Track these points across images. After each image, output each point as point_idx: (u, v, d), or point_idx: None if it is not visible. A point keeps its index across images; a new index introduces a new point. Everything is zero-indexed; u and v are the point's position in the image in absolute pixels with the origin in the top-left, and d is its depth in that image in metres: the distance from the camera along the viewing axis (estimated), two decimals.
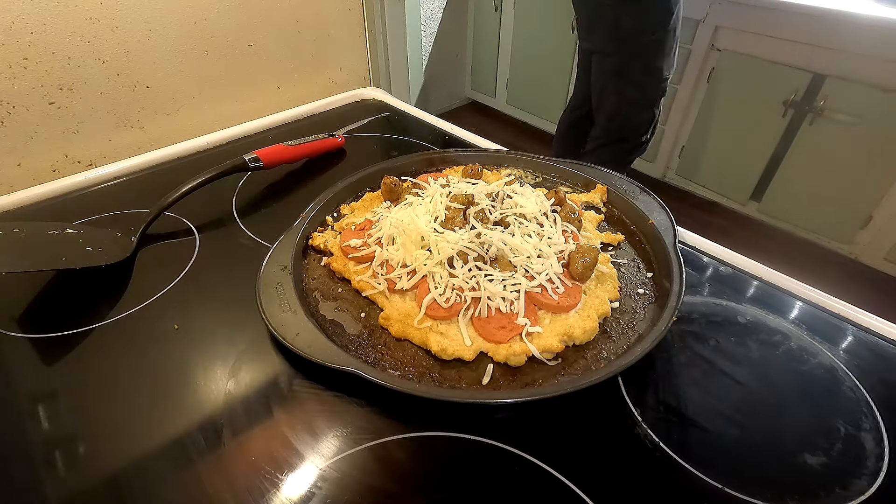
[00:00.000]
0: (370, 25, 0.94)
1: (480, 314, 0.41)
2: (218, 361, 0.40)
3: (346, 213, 0.55)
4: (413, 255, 0.45)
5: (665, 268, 0.46)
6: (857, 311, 0.45)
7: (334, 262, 0.48)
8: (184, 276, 0.48)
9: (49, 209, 0.59)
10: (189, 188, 0.54)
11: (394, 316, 0.42)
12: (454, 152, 0.64)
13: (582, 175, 0.60)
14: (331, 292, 0.46)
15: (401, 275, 0.44)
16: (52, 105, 0.63)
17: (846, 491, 0.32)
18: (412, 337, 0.41)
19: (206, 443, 0.34)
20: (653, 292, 0.46)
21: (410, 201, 0.51)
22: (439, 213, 0.48)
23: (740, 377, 0.39)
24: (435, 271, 0.44)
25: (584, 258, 0.44)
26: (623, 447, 0.34)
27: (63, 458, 0.34)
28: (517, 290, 0.42)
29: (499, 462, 0.33)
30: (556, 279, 0.43)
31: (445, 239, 0.45)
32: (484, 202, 0.49)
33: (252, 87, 0.81)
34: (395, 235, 0.47)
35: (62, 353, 0.41)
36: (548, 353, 0.40)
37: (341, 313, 0.44)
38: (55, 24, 0.60)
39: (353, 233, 0.50)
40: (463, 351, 0.39)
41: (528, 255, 0.45)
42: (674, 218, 0.52)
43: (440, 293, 0.42)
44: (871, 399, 0.38)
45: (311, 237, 0.51)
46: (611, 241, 0.52)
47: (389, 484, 0.32)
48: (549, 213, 0.50)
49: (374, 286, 0.44)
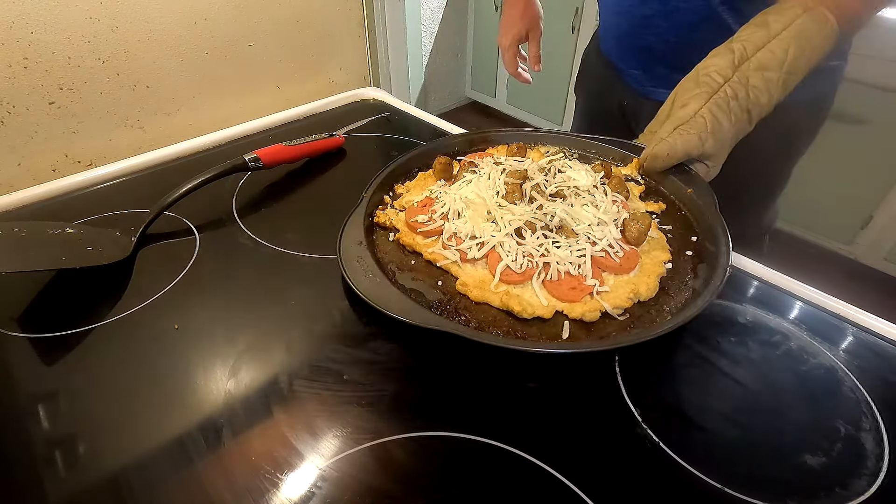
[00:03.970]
0: (370, 25, 0.94)
1: (551, 277, 0.44)
2: (218, 361, 0.40)
3: (401, 192, 0.57)
4: (481, 227, 0.49)
5: (708, 231, 0.49)
6: (857, 311, 0.45)
7: (403, 237, 0.50)
8: (184, 276, 0.48)
9: (49, 209, 0.59)
10: (189, 188, 0.54)
11: (470, 282, 0.45)
12: (494, 132, 0.66)
13: (617, 150, 0.62)
14: (405, 264, 0.49)
15: (470, 245, 0.47)
16: (52, 105, 0.63)
17: (846, 491, 0.32)
18: (491, 300, 0.43)
19: (206, 443, 0.34)
20: (700, 254, 0.48)
21: (469, 178, 0.54)
22: (499, 188, 0.52)
23: (740, 377, 0.39)
24: (504, 241, 0.47)
25: (638, 224, 0.47)
26: (623, 447, 0.34)
27: (63, 458, 0.34)
28: (583, 255, 0.46)
29: (499, 462, 0.33)
30: (616, 244, 0.47)
31: (510, 211, 0.49)
32: (538, 177, 0.53)
33: (252, 87, 0.81)
34: (461, 210, 0.51)
35: (62, 353, 0.41)
36: (617, 309, 0.42)
37: (419, 282, 0.46)
38: (55, 24, 0.60)
39: (416, 209, 0.53)
40: (542, 310, 0.42)
41: (588, 223, 0.48)
42: None
43: (512, 259, 0.45)
44: (871, 399, 0.38)
45: (376, 215, 0.53)
46: (654, 210, 0.55)
47: (389, 484, 0.32)
48: (599, 184, 0.54)
49: (447, 257, 0.47)
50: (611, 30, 0.74)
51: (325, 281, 0.48)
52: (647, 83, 0.71)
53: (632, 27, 0.68)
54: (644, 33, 0.67)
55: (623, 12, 0.69)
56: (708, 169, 0.55)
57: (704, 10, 0.60)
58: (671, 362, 0.41)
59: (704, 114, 0.51)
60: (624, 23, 0.69)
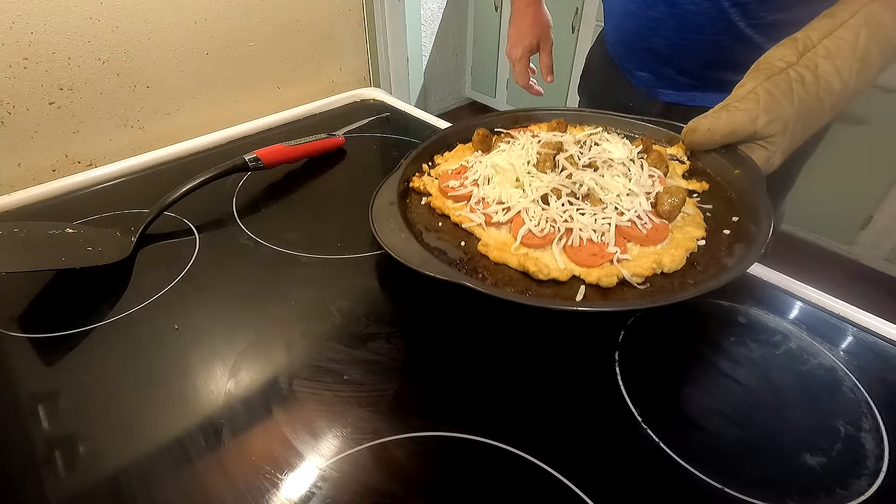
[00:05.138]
0: (370, 25, 0.93)
1: (573, 243, 0.44)
2: (218, 361, 0.40)
3: (439, 162, 0.59)
4: (508, 192, 0.49)
5: (751, 213, 0.47)
6: (857, 311, 0.45)
7: (434, 200, 0.53)
8: (184, 276, 0.48)
9: (49, 209, 0.59)
10: (189, 188, 0.54)
11: (492, 244, 0.46)
12: (538, 110, 0.67)
13: (664, 131, 0.61)
14: (432, 226, 0.51)
15: (497, 210, 0.48)
16: (52, 105, 0.63)
17: (846, 491, 0.32)
18: (509, 261, 0.44)
19: (206, 443, 0.34)
20: (738, 234, 0.46)
21: (503, 148, 0.56)
22: (531, 158, 0.52)
23: (740, 377, 0.39)
24: (529, 207, 0.47)
25: (671, 198, 0.46)
26: (623, 447, 0.34)
27: (63, 458, 0.34)
28: (608, 223, 0.45)
29: (499, 462, 0.33)
30: (645, 216, 0.46)
31: (539, 178, 0.50)
32: (573, 149, 0.53)
33: (252, 87, 0.81)
34: (491, 176, 0.52)
35: (62, 353, 0.41)
36: (637, 277, 0.42)
37: (443, 242, 0.48)
38: (55, 24, 0.60)
39: (449, 176, 0.55)
40: (557, 272, 0.42)
41: (617, 193, 0.48)
42: None
43: (535, 224, 0.46)
44: (871, 399, 0.38)
45: (411, 180, 0.56)
46: (696, 189, 0.53)
47: (389, 484, 0.32)
48: (637, 159, 0.53)
49: (473, 219, 0.49)
50: (617, 32, 0.74)
51: (325, 281, 0.48)
52: (654, 85, 0.71)
53: (639, 29, 0.67)
54: (652, 36, 0.66)
55: (629, 14, 0.68)
56: (768, 153, 0.50)
57: (714, 11, 0.59)
58: (671, 362, 0.41)
59: (759, 91, 0.48)
60: (631, 25, 0.69)
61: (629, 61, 0.73)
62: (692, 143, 0.54)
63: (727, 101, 0.50)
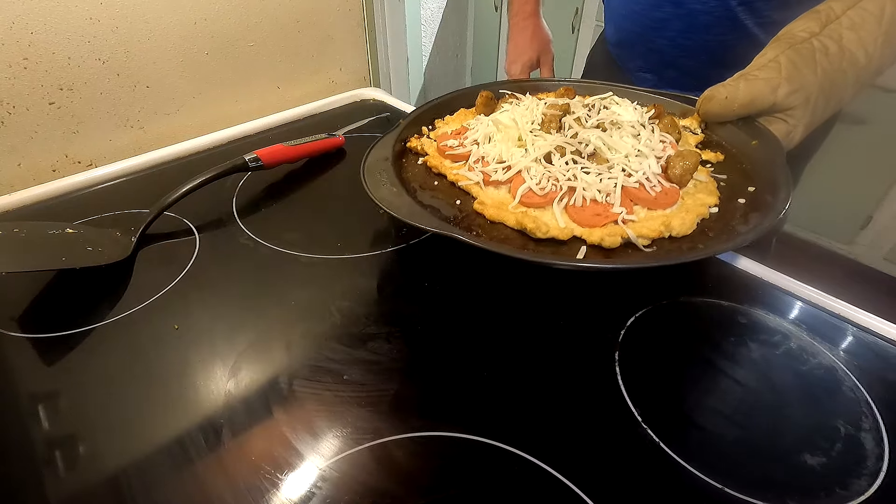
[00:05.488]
0: (370, 25, 0.93)
1: (575, 203, 0.42)
2: (218, 361, 0.40)
3: (440, 125, 0.58)
4: (510, 151, 0.47)
5: (769, 183, 0.44)
6: (857, 311, 0.45)
7: (430, 159, 0.50)
8: (184, 276, 0.48)
9: (49, 209, 0.59)
10: (189, 188, 0.54)
11: (488, 202, 0.44)
12: (548, 81, 0.65)
13: (678, 103, 0.59)
14: (427, 184, 0.48)
15: (496, 169, 0.46)
16: (52, 105, 0.63)
17: (846, 491, 0.32)
18: (507, 220, 0.42)
19: (206, 443, 0.34)
20: (754, 203, 0.43)
21: (507, 109, 0.53)
22: (536, 117, 0.50)
23: (740, 377, 0.39)
24: (531, 166, 0.45)
25: (684, 161, 0.43)
26: (623, 447, 0.34)
27: (63, 458, 0.34)
28: (614, 183, 0.42)
29: (499, 462, 0.33)
30: (655, 178, 0.43)
31: (543, 137, 0.47)
32: (580, 111, 0.50)
33: (252, 87, 0.81)
34: (493, 134, 0.50)
35: (62, 353, 0.41)
36: (643, 239, 0.39)
37: (438, 200, 0.46)
38: (55, 24, 0.60)
39: (449, 136, 0.52)
40: (557, 230, 0.40)
41: (626, 153, 0.45)
42: None
43: (535, 182, 0.43)
44: (871, 399, 0.38)
45: (409, 140, 0.53)
46: (710, 159, 0.50)
47: (389, 484, 0.32)
48: (648, 123, 0.50)
49: (470, 178, 0.46)
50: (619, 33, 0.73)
51: (325, 281, 0.48)
52: (657, 86, 0.71)
53: (643, 30, 0.66)
54: (656, 36, 0.65)
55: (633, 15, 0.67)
56: (788, 127, 0.47)
57: (720, 10, 0.58)
58: (671, 362, 0.41)
59: (781, 59, 0.45)
60: (634, 26, 0.68)
61: (632, 62, 0.73)
62: (707, 112, 0.51)
63: (747, 70, 0.47)
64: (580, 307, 0.45)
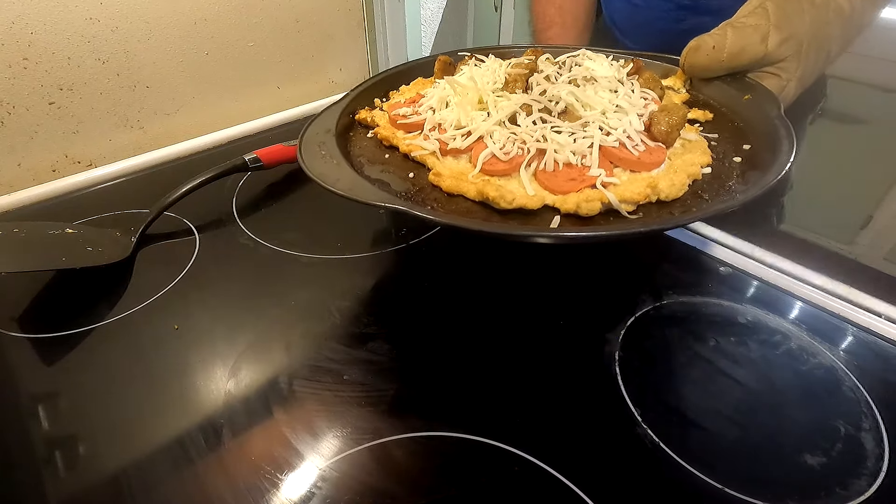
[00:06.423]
0: (370, 25, 0.93)
1: (546, 167, 0.36)
2: (218, 361, 0.40)
3: (394, 96, 0.53)
4: (469, 115, 0.41)
5: (767, 138, 0.39)
6: (857, 311, 0.45)
7: (381, 130, 0.45)
8: (184, 276, 0.48)
9: (49, 209, 0.59)
10: (189, 188, 0.54)
11: (445, 173, 0.38)
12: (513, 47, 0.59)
13: (658, 63, 0.53)
14: (377, 158, 0.43)
15: (454, 136, 0.40)
16: (52, 105, 0.63)
17: (846, 491, 0.32)
18: (467, 191, 0.36)
19: (206, 443, 0.34)
20: (752, 161, 0.39)
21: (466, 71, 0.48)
22: (499, 78, 0.44)
23: (740, 377, 0.39)
24: (493, 130, 0.39)
25: (669, 117, 0.38)
26: (623, 447, 0.34)
27: (63, 458, 0.34)
28: (590, 142, 0.37)
29: (499, 462, 0.33)
30: (637, 136, 0.37)
31: (506, 98, 0.41)
32: (549, 69, 0.44)
33: (252, 87, 0.81)
34: (449, 98, 0.44)
35: (62, 353, 0.41)
36: (626, 203, 0.34)
37: (388, 175, 0.41)
38: (55, 24, 0.60)
39: (402, 105, 0.47)
40: (525, 199, 0.34)
41: (602, 109, 0.39)
42: None
43: (500, 147, 0.38)
44: (871, 399, 0.38)
45: (357, 112, 0.49)
46: (699, 118, 0.45)
47: (389, 484, 0.32)
48: (626, 80, 0.45)
49: (425, 147, 0.41)
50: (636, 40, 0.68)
51: (325, 281, 0.48)
52: None
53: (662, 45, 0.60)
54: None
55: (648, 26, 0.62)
56: (781, 81, 0.44)
57: None
58: (671, 362, 0.41)
59: (768, 5, 0.42)
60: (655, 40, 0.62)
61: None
62: (693, 65, 0.46)
63: (733, 19, 0.44)
64: (580, 307, 0.45)
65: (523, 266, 0.49)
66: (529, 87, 0.43)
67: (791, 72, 0.44)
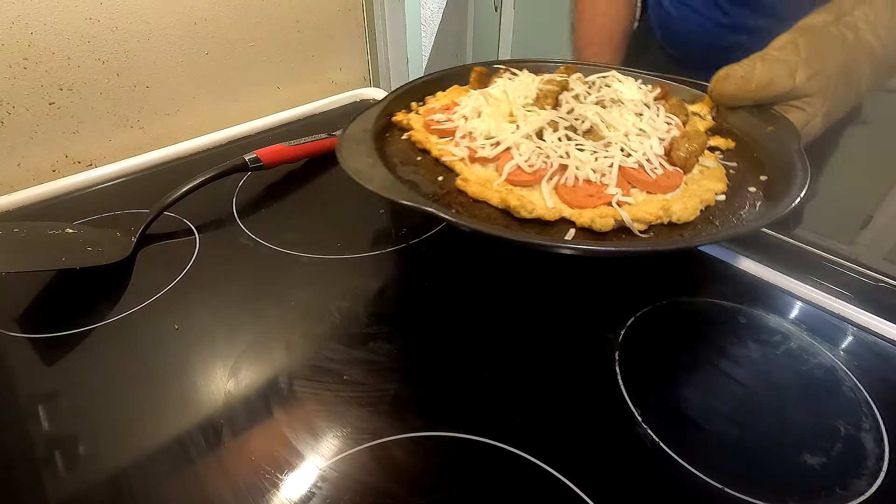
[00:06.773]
0: (370, 25, 0.93)
1: (567, 182, 0.39)
2: (218, 361, 0.40)
3: (430, 102, 0.55)
4: (499, 127, 0.44)
5: (783, 171, 0.40)
6: (857, 311, 0.45)
7: (415, 133, 0.48)
8: (184, 276, 0.48)
9: (49, 209, 0.59)
10: (189, 188, 0.54)
11: (472, 179, 0.41)
12: (547, 62, 0.61)
13: (687, 88, 0.55)
14: (409, 160, 0.46)
15: (484, 144, 0.43)
16: (52, 105, 0.63)
17: (846, 491, 0.32)
18: (490, 198, 0.39)
19: (206, 443, 0.34)
20: (766, 192, 0.41)
21: (500, 84, 0.51)
22: (530, 93, 0.47)
23: (740, 377, 0.39)
24: (521, 143, 0.42)
25: (689, 143, 0.40)
26: (623, 447, 0.34)
27: (63, 458, 0.34)
28: (610, 162, 0.39)
29: (499, 462, 0.33)
30: (656, 160, 0.40)
31: (536, 112, 0.44)
32: (579, 88, 0.47)
33: (252, 87, 0.81)
34: (482, 108, 0.46)
35: (62, 353, 0.41)
36: (639, 223, 0.36)
37: (418, 176, 0.43)
38: (55, 24, 0.60)
39: (437, 110, 0.49)
40: (543, 210, 0.37)
41: (625, 131, 0.42)
42: None
43: (524, 159, 0.40)
44: (871, 399, 0.38)
45: (395, 115, 0.51)
46: (720, 146, 0.47)
47: (389, 484, 0.32)
48: (652, 104, 0.47)
49: (455, 153, 0.43)
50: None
51: (325, 281, 0.48)
52: None
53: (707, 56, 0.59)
54: None
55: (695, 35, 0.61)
56: (807, 115, 0.45)
57: None
58: (671, 362, 0.41)
59: (799, 42, 0.43)
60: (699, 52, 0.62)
61: None
62: (721, 94, 0.48)
63: (764, 51, 0.45)
64: (580, 307, 0.45)
65: (523, 266, 0.49)
66: (559, 104, 0.46)
67: (817, 107, 0.45)
